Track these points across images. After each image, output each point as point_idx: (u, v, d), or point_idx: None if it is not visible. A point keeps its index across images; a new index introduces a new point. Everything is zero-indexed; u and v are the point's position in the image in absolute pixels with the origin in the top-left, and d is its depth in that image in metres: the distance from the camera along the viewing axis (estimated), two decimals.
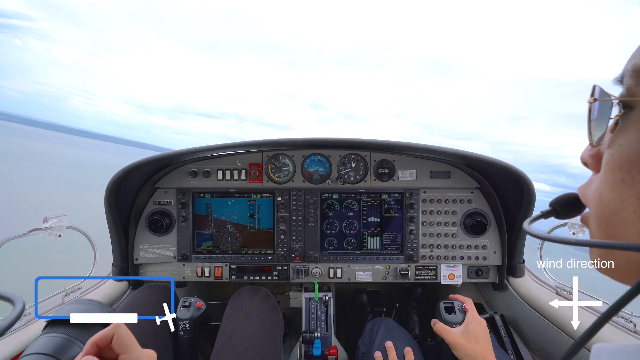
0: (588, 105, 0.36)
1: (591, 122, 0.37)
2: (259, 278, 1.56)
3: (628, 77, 0.33)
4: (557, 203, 0.48)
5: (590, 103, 0.36)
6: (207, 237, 1.57)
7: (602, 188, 0.35)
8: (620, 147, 0.32)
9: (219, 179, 1.53)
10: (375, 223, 1.56)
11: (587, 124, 0.37)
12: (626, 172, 0.31)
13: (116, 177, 1.32)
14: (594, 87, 0.36)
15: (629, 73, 0.32)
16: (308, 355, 1.36)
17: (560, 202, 0.47)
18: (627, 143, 0.32)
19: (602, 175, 0.35)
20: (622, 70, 0.34)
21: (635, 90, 0.32)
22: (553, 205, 0.48)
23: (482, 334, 1.02)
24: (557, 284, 1.35)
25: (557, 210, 0.48)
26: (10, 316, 0.41)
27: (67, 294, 1.31)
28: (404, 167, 1.52)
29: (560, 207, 0.47)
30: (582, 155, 0.40)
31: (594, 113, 0.36)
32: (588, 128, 0.37)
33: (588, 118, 0.37)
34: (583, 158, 0.40)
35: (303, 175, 1.54)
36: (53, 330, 0.87)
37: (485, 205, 1.51)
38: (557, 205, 0.48)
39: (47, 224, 1.26)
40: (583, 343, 0.31)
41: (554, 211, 0.48)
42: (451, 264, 1.53)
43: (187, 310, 1.20)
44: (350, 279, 1.56)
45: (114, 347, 0.57)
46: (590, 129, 0.37)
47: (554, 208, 0.48)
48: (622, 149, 0.32)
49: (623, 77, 0.33)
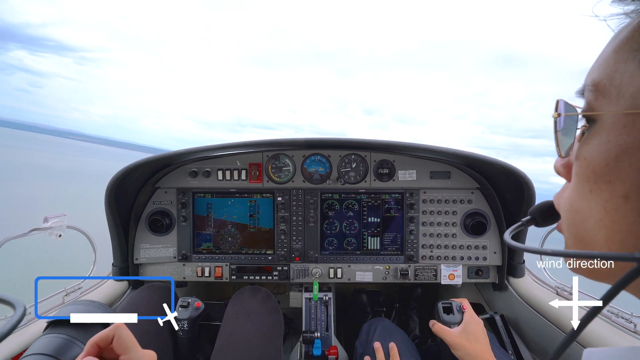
0: (553, 119, 0.38)
1: (557, 133, 0.38)
2: (259, 278, 1.57)
3: (588, 91, 0.33)
4: (535, 212, 0.49)
5: (555, 118, 0.38)
6: (207, 237, 1.57)
7: (572, 197, 0.36)
8: (586, 160, 0.33)
9: (219, 179, 1.53)
10: (375, 223, 1.56)
11: (554, 135, 0.38)
12: (593, 182, 0.32)
13: (116, 177, 1.32)
14: (557, 102, 0.38)
15: (589, 87, 0.33)
16: (308, 355, 1.37)
17: (538, 210, 0.48)
18: (591, 155, 0.33)
19: (573, 185, 0.36)
20: (582, 84, 0.35)
21: (595, 104, 0.33)
22: (532, 214, 0.49)
23: (481, 333, 1.03)
24: (558, 284, 1.35)
25: (536, 219, 0.49)
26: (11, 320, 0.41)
27: (68, 294, 1.32)
28: (404, 167, 1.52)
29: (538, 216, 0.48)
30: (555, 165, 0.41)
31: (559, 125, 0.38)
32: (555, 140, 0.38)
33: (554, 130, 0.38)
34: (556, 168, 0.41)
35: (303, 175, 1.54)
36: (54, 330, 0.87)
37: (486, 205, 1.51)
38: (536, 213, 0.49)
39: (48, 224, 1.26)
40: (573, 338, 0.32)
41: (533, 220, 0.49)
42: (451, 264, 1.53)
43: (186, 310, 1.20)
44: (350, 279, 1.56)
45: (114, 347, 0.58)
46: (557, 141, 0.38)
47: (533, 217, 0.49)
48: (587, 161, 0.33)
49: (584, 91, 0.34)
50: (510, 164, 1.29)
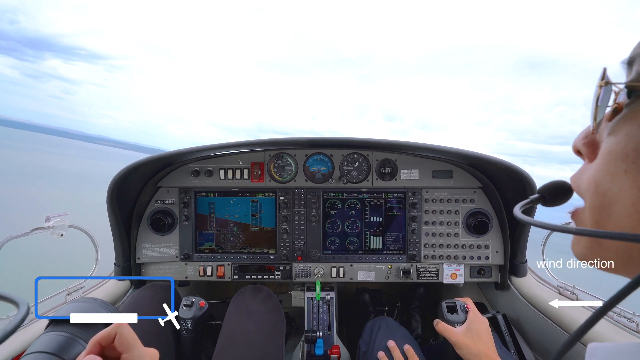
0: (596, 89, 0.34)
1: (598, 107, 0.34)
2: (261, 277, 1.56)
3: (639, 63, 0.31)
4: (545, 190, 0.46)
5: (601, 87, 0.33)
6: (209, 237, 1.57)
7: (599, 177, 0.33)
8: (628, 135, 0.30)
9: (221, 178, 1.53)
10: (377, 222, 1.56)
11: (594, 109, 0.34)
12: (631, 161, 0.30)
13: (118, 176, 1.32)
14: (604, 70, 0.33)
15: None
16: (310, 354, 1.36)
17: (548, 189, 0.46)
18: (635, 131, 0.30)
19: (600, 165, 0.33)
20: (630, 53, 0.32)
21: None
22: (541, 192, 0.47)
23: (485, 332, 1.03)
24: (560, 283, 1.35)
25: (545, 197, 0.47)
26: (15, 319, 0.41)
27: (70, 293, 1.31)
28: (406, 166, 1.52)
29: (548, 194, 0.46)
30: (575, 144, 0.38)
31: (601, 98, 0.34)
32: (594, 113, 0.34)
33: (595, 103, 0.34)
34: (576, 146, 0.38)
35: (305, 174, 1.54)
36: (55, 328, 0.86)
37: (488, 204, 1.51)
38: (545, 191, 0.46)
39: (50, 223, 1.26)
40: (577, 338, 0.31)
41: (541, 197, 0.47)
42: (453, 263, 1.53)
43: (190, 310, 1.20)
44: (352, 278, 1.56)
45: (116, 346, 0.57)
46: (595, 115, 0.34)
47: (542, 195, 0.47)
48: (629, 137, 0.30)
49: (634, 61, 0.31)
50: (512, 163, 1.29)
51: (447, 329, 1.05)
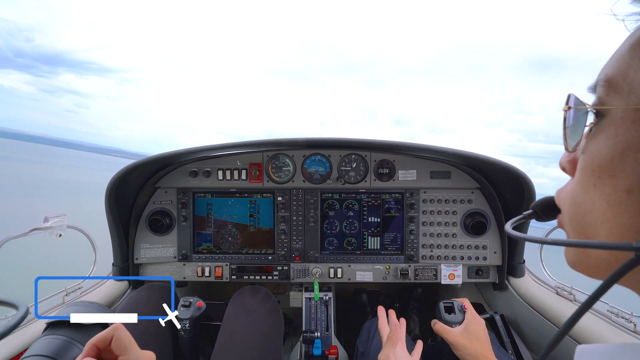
0: (563, 113, 0.38)
1: (566, 129, 0.38)
2: (259, 278, 1.56)
3: (600, 86, 0.34)
4: (537, 206, 0.49)
5: (565, 111, 0.38)
6: (207, 237, 1.57)
7: (575, 191, 0.37)
8: (592, 153, 0.34)
9: (219, 179, 1.53)
10: (375, 223, 1.56)
11: (563, 130, 0.39)
12: (597, 176, 0.33)
13: (116, 177, 1.32)
14: (568, 96, 0.38)
15: (601, 82, 0.34)
16: (308, 355, 1.37)
17: (540, 204, 0.49)
18: (597, 149, 0.33)
19: (576, 179, 0.37)
20: (595, 79, 0.35)
21: (606, 99, 0.33)
22: (533, 208, 0.50)
23: (482, 333, 1.03)
24: (558, 284, 1.35)
25: (537, 212, 0.49)
26: (14, 319, 0.41)
27: (68, 294, 1.31)
28: (404, 167, 1.52)
29: (540, 209, 0.49)
30: (561, 161, 0.42)
31: (569, 120, 0.38)
32: (563, 134, 0.39)
33: (563, 125, 0.38)
34: (561, 164, 0.42)
35: (303, 175, 1.54)
36: (53, 332, 0.87)
37: (486, 205, 1.51)
38: (538, 207, 0.49)
39: (48, 224, 1.26)
40: (565, 333, 0.33)
41: (534, 214, 0.50)
42: (451, 264, 1.53)
43: (187, 310, 1.20)
44: (350, 279, 1.56)
45: (113, 348, 0.57)
46: (565, 136, 0.39)
47: (535, 210, 0.50)
48: (593, 155, 0.34)
49: (596, 86, 0.35)
50: (510, 164, 1.29)
51: (445, 329, 1.05)
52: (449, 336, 1.03)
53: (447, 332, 1.04)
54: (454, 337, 1.02)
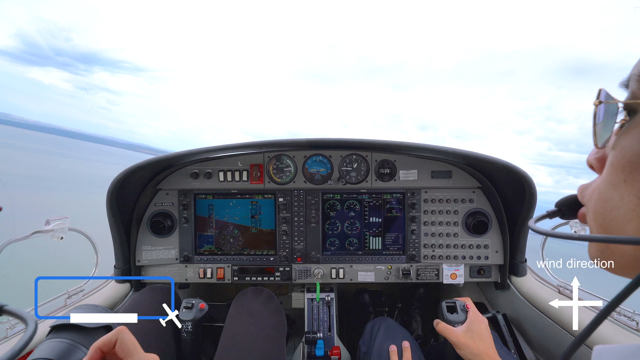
0: (593, 108, 0.37)
1: (596, 125, 0.38)
2: (261, 279, 1.56)
3: (634, 81, 0.34)
4: (562, 204, 0.49)
5: (596, 106, 0.37)
6: (209, 239, 1.57)
7: (602, 187, 0.36)
8: (623, 149, 0.34)
9: (220, 180, 1.53)
10: (377, 223, 1.56)
11: (592, 126, 0.38)
12: (628, 172, 0.33)
13: (118, 179, 1.32)
14: (599, 91, 0.37)
15: (635, 77, 0.33)
16: (311, 355, 1.37)
17: (565, 202, 0.49)
18: (629, 145, 0.33)
19: (605, 175, 0.36)
20: (628, 74, 0.35)
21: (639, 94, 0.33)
22: (559, 206, 0.49)
23: (485, 332, 1.03)
24: (560, 282, 1.35)
25: (562, 211, 0.49)
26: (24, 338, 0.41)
27: (70, 296, 1.31)
28: (405, 167, 1.52)
29: (565, 208, 0.49)
30: (589, 159, 0.41)
31: (599, 116, 0.37)
32: (593, 130, 0.38)
33: (593, 121, 0.38)
34: (589, 161, 0.41)
35: (304, 175, 1.54)
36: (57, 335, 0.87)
37: (487, 204, 1.51)
38: (563, 205, 0.49)
39: (49, 227, 1.26)
40: (583, 339, 0.33)
41: (559, 211, 0.49)
42: (453, 263, 1.53)
43: (190, 312, 1.20)
44: (352, 279, 1.56)
45: (117, 352, 0.58)
46: (595, 132, 0.38)
47: (560, 208, 0.49)
48: (624, 151, 0.33)
49: (629, 81, 0.34)
50: (511, 163, 1.29)
51: (447, 329, 1.05)
52: (452, 336, 1.03)
53: (449, 331, 1.04)
54: (456, 336, 1.02)
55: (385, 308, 1.89)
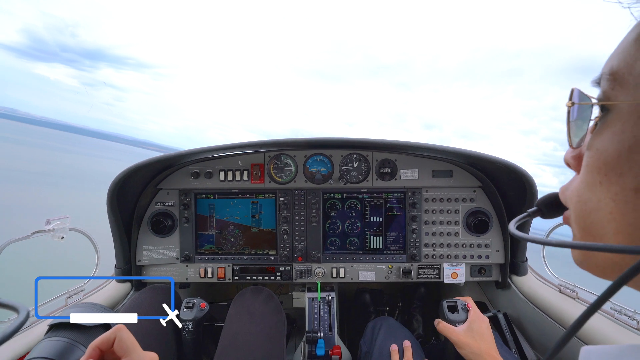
0: (567, 108, 0.37)
1: (570, 124, 0.37)
2: (261, 278, 1.56)
3: (605, 80, 0.33)
4: (542, 203, 0.48)
5: (569, 107, 0.36)
6: (209, 238, 1.57)
7: (581, 188, 0.35)
8: (598, 151, 0.33)
9: (221, 180, 1.53)
10: (377, 222, 1.56)
11: (567, 126, 0.37)
12: (603, 174, 0.32)
13: (118, 178, 1.32)
14: (572, 91, 0.37)
15: (606, 76, 0.33)
16: (311, 355, 1.36)
17: (544, 202, 0.48)
18: (603, 146, 0.32)
19: (582, 176, 0.35)
20: (599, 73, 0.34)
21: (611, 93, 0.32)
22: (538, 205, 0.49)
23: (486, 331, 1.03)
24: (560, 282, 1.35)
25: (542, 210, 0.48)
26: (14, 323, 0.41)
27: (70, 296, 1.31)
28: (406, 166, 1.52)
29: (544, 207, 0.48)
30: (565, 157, 0.41)
31: (572, 115, 0.37)
32: (567, 130, 0.37)
33: (567, 120, 0.37)
34: (566, 159, 0.40)
35: (305, 175, 1.54)
36: (55, 334, 0.87)
37: (488, 203, 1.51)
38: (542, 205, 0.48)
39: (50, 226, 1.26)
40: (572, 333, 0.32)
41: (539, 211, 0.49)
42: (454, 262, 1.53)
43: (190, 311, 1.20)
44: (353, 278, 1.56)
45: (115, 350, 0.58)
46: (569, 131, 0.37)
47: (539, 208, 0.48)
48: (599, 152, 0.33)
49: (600, 80, 0.33)
50: (512, 162, 1.29)
51: (448, 328, 1.05)
52: (453, 335, 1.03)
53: (450, 331, 1.04)
54: (457, 336, 1.02)
55: (386, 307, 1.89)
